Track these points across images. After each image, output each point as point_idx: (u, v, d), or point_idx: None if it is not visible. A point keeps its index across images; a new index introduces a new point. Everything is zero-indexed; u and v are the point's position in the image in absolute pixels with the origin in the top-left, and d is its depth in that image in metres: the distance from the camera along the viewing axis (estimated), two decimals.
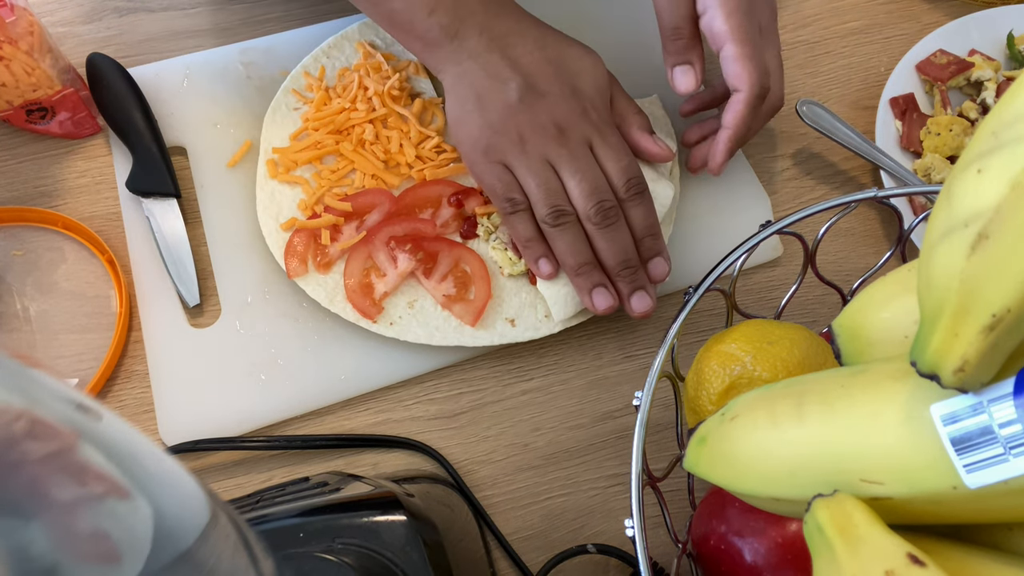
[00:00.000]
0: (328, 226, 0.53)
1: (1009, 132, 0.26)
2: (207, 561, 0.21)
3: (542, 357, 0.54)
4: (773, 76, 0.52)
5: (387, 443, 0.51)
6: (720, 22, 0.49)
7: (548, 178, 0.49)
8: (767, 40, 0.52)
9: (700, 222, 0.57)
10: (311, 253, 0.53)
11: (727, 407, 0.35)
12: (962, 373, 0.26)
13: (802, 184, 0.61)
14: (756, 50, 0.50)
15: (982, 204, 0.25)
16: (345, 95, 0.57)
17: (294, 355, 0.52)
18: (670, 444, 0.51)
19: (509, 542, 0.49)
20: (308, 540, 0.38)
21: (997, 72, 0.62)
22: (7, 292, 0.54)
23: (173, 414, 0.50)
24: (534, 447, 0.52)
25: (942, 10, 0.68)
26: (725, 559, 0.40)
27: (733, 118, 0.51)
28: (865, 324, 0.38)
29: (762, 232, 0.44)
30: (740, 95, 0.50)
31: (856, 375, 0.32)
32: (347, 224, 0.54)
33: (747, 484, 0.33)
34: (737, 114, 0.51)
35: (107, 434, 0.19)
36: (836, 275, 0.53)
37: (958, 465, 0.27)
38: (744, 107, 0.51)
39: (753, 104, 0.51)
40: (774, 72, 0.52)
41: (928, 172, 0.58)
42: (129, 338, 0.53)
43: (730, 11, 0.49)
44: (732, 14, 0.49)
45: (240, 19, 0.65)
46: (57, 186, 0.58)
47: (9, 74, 0.53)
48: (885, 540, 0.28)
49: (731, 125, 0.51)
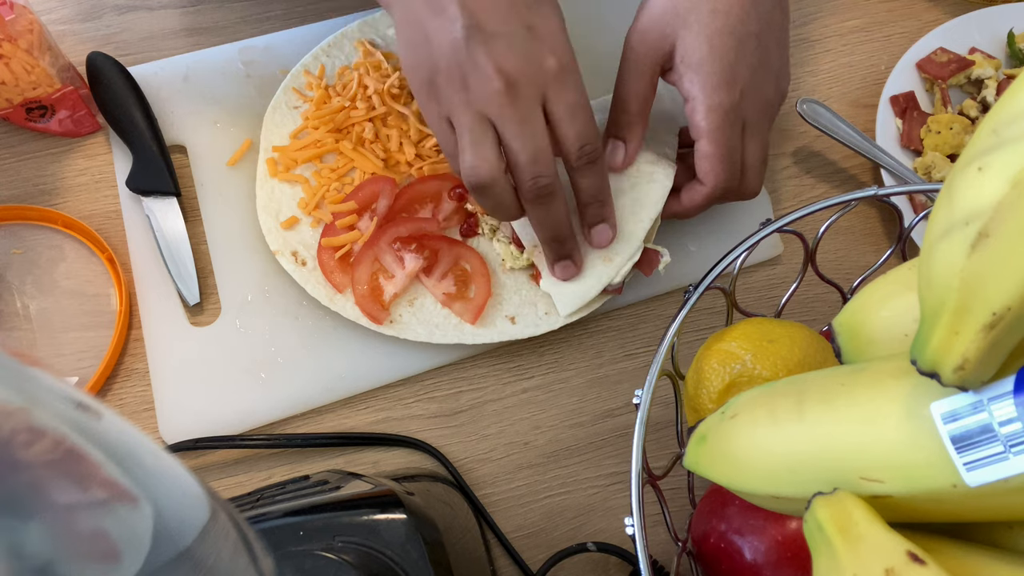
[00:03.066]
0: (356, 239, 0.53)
1: (1010, 130, 0.26)
2: (207, 559, 0.21)
3: (542, 355, 0.54)
4: (749, 172, 0.50)
5: (387, 441, 0.51)
6: (700, 116, 0.47)
7: (485, 144, 0.44)
8: (751, 136, 0.49)
9: (700, 220, 0.57)
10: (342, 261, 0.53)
11: (727, 405, 0.35)
12: (962, 371, 0.26)
13: (802, 182, 0.61)
14: (729, 151, 0.48)
15: (983, 202, 0.25)
16: (345, 93, 0.57)
17: (294, 353, 0.52)
18: (670, 442, 0.51)
19: (509, 540, 0.49)
20: (308, 538, 0.38)
21: (998, 70, 0.62)
22: (7, 290, 0.54)
23: (173, 412, 0.50)
24: (534, 445, 0.52)
25: (942, 8, 0.68)
26: (725, 557, 0.41)
27: (688, 202, 0.51)
28: (865, 322, 0.38)
29: (762, 230, 0.44)
30: (703, 188, 0.49)
31: (856, 373, 0.32)
32: (360, 220, 0.54)
33: (747, 482, 0.33)
34: (693, 202, 0.50)
35: (107, 433, 0.19)
36: (836, 273, 0.53)
37: (958, 463, 0.27)
38: (702, 199, 0.50)
39: (713, 199, 0.50)
40: (751, 168, 0.50)
41: (928, 170, 0.58)
42: (129, 336, 0.53)
43: (711, 107, 0.47)
44: (713, 110, 0.47)
45: (240, 17, 0.65)
46: (57, 184, 0.58)
47: (9, 72, 0.53)
48: (885, 538, 0.28)
49: (684, 207, 0.51)
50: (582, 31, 0.56)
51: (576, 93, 0.45)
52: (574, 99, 0.44)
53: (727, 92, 0.47)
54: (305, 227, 0.54)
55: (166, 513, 0.20)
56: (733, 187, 0.50)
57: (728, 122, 0.47)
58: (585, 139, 0.45)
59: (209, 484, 0.22)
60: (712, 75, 0.47)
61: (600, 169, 0.47)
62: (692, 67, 0.47)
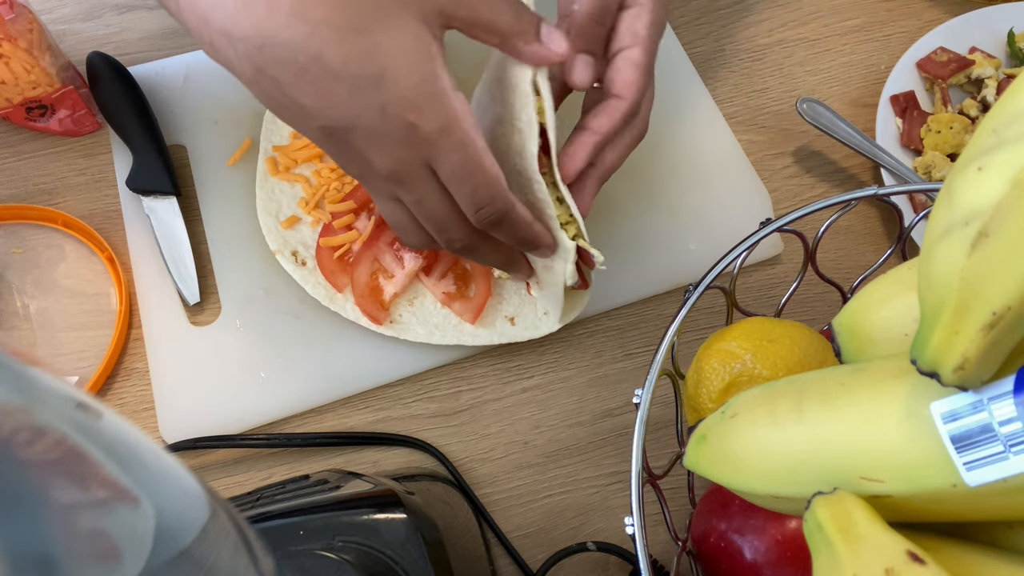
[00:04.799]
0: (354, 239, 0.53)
1: (1010, 130, 0.26)
2: (206, 559, 0.21)
3: (542, 355, 0.54)
4: (647, 101, 0.48)
5: (387, 441, 0.51)
6: (642, 25, 0.45)
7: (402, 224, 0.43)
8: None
9: (700, 220, 0.57)
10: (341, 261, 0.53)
11: (727, 405, 0.35)
12: (962, 371, 0.26)
13: (802, 182, 0.61)
14: (652, 69, 0.46)
15: (983, 202, 0.25)
16: None
17: (294, 353, 0.52)
18: (670, 442, 0.51)
19: (509, 540, 0.49)
20: (308, 538, 0.38)
21: (998, 70, 0.62)
22: (7, 290, 0.54)
23: (173, 412, 0.50)
24: (534, 445, 0.52)
25: (943, 7, 0.68)
26: (725, 557, 0.41)
27: (608, 123, 0.45)
28: (865, 322, 0.38)
29: (762, 230, 0.44)
30: (621, 104, 0.45)
31: (856, 373, 0.32)
32: (358, 219, 0.53)
33: (747, 482, 0.33)
34: (612, 122, 0.45)
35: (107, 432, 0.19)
36: (836, 273, 0.53)
37: (958, 463, 0.27)
38: (621, 117, 0.45)
39: (628, 117, 0.46)
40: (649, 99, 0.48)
41: (928, 170, 0.58)
42: (129, 336, 0.53)
43: (654, 21, 0.45)
44: (655, 25, 0.45)
45: None
46: (57, 184, 0.58)
47: (8, 72, 0.53)
48: (885, 538, 0.28)
49: (600, 131, 0.45)
50: None
51: (457, 153, 0.38)
52: (457, 161, 0.39)
53: (664, 9, 0.46)
54: (305, 227, 0.54)
55: (166, 513, 0.20)
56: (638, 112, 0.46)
57: (658, 39, 0.46)
58: (480, 202, 0.40)
59: (209, 484, 0.22)
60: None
61: (510, 224, 0.42)
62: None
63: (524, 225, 0.43)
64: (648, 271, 0.55)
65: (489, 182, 0.40)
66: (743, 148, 0.61)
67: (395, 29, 0.36)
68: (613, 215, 0.57)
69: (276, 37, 0.35)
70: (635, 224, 0.57)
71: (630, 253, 0.56)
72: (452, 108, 0.38)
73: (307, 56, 0.36)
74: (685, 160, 0.60)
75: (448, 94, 0.38)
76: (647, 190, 0.58)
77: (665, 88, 0.62)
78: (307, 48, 0.35)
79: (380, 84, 0.36)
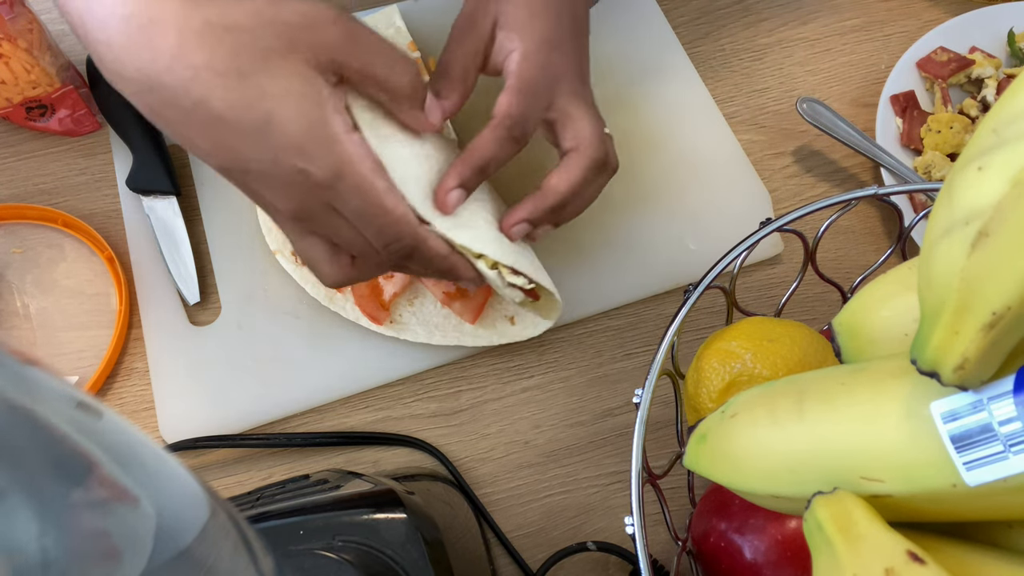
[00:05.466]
0: None
1: (1010, 129, 0.26)
2: (207, 559, 0.21)
3: (542, 355, 0.54)
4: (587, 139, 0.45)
5: (387, 440, 0.51)
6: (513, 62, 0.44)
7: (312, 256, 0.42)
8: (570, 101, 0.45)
9: (700, 219, 0.57)
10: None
11: (727, 405, 0.35)
12: (962, 371, 0.26)
13: (802, 181, 0.61)
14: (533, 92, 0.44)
15: (983, 202, 0.25)
16: None
17: (294, 353, 0.52)
18: (670, 442, 0.51)
19: (509, 539, 0.49)
20: (308, 537, 0.38)
21: (998, 69, 0.62)
22: (7, 290, 0.54)
23: (173, 411, 0.50)
24: (534, 444, 0.52)
25: (943, 7, 0.68)
26: (725, 556, 0.41)
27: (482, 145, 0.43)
28: (865, 322, 0.38)
29: (762, 230, 0.44)
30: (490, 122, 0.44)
31: (856, 373, 0.32)
32: None
33: (747, 481, 0.33)
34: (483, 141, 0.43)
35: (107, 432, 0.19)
36: (836, 273, 0.53)
37: (958, 463, 0.27)
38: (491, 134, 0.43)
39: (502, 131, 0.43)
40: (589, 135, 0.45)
41: (928, 169, 0.58)
42: (129, 335, 0.53)
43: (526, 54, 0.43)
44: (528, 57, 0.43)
45: None
46: (57, 184, 0.58)
47: (8, 71, 0.53)
48: (885, 538, 0.28)
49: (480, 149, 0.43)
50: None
51: (354, 197, 0.38)
52: (355, 205, 0.39)
53: (549, 49, 0.44)
54: None
55: (166, 513, 0.20)
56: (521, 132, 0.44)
57: (542, 72, 0.44)
58: (386, 240, 0.40)
59: (209, 483, 0.22)
60: (534, 33, 0.44)
61: (422, 258, 0.42)
62: (513, 28, 0.44)
63: (438, 258, 0.42)
64: (648, 271, 0.55)
65: (392, 222, 0.39)
66: (743, 148, 0.61)
67: (281, 74, 0.36)
68: (613, 215, 0.57)
69: (160, 80, 0.35)
70: (635, 224, 0.57)
71: (630, 253, 0.56)
72: (345, 152, 0.37)
73: (191, 101, 0.35)
74: (685, 160, 0.60)
75: (339, 138, 0.37)
76: (647, 190, 0.58)
77: (665, 88, 0.62)
78: (190, 93, 0.35)
79: (266, 130, 0.36)
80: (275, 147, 0.36)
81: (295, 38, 0.36)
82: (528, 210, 0.44)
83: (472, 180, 0.43)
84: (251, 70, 0.36)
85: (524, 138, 0.44)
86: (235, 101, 0.35)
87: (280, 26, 0.36)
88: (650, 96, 0.62)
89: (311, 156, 0.37)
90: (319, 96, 0.37)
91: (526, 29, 0.44)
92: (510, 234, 0.44)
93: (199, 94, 0.35)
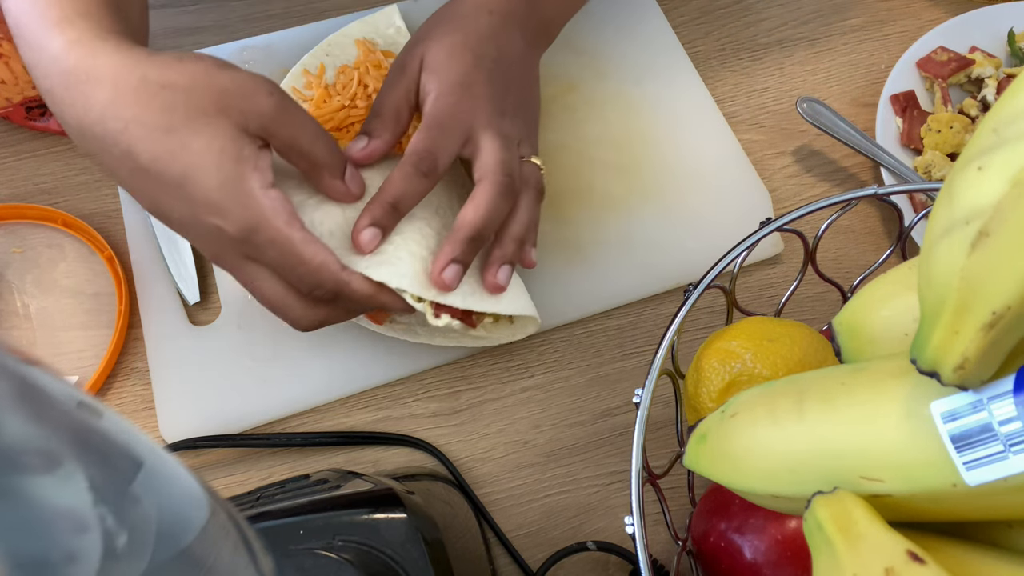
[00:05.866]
0: None
1: (1010, 129, 0.26)
2: (206, 559, 0.21)
3: (542, 355, 0.54)
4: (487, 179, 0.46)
5: (387, 440, 0.51)
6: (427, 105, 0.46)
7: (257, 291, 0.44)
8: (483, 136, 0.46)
9: (700, 219, 0.57)
10: None
11: (727, 404, 0.35)
12: (962, 371, 0.26)
13: (802, 181, 0.61)
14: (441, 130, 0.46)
15: (983, 201, 0.25)
16: (345, 93, 0.57)
17: (294, 352, 0.52)
18: (670, 441, 0.51)
19: (509, 539, 0.49)
20: (308, 537, 0.38)
21: (998, 69, 0.62)
22: (7, 289, 0.54)
23: (173, 411, 0.50)
24: (534, 444, 0.52)
25: (943, 7, 0.68)
26: (725, 556, 0.41)
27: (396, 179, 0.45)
28: (865, 322, 0.38)
29: (762, 229, 0.44)
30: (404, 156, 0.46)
31: (856, 373, 0.32)
32: None
33: (747, 481, 0.33)
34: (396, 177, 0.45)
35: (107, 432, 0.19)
36: (836, 272, 0.53)
37: (958, 462, 0.27)
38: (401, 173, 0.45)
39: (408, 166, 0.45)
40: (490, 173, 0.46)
41: (928, 169, 0.58)
42: (129, 335, 0.53)
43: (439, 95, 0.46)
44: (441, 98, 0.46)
45: (240, 16, 0.65)
46: (57, 183, 0.58)
47: (8, 71, 0.53)
48: (885, 537, 0.28)
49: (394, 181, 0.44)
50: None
51: (271, 249, 0.40)
52: (273, 256, 0.40)
53: (461, 90, 0.46)
54: None
55: (166, 512, 0.20)
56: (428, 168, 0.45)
57: (451, 111, 0.46)
58: (309, 287, 0.42)
59: (209, 483, 0.22)
60: (449, 74, 0.47)
61: (348, 300, 0.43)
62: (433, 70, 0.47)
63: (365, 298, 0.43)
64: (648, 271, 0.55)
65: (312, 270, 0.41)
66: (743, 148, 0.61)
67: (207, 132, 0.38)
68: (613, 215, 0.57)
69: (92, 130, 0.38)
70: (635, 224, 0.57)
71: (630, 253, 0.56)
72: (259, 207, 0.39)
73: (120, 151, 0.38)
74: (685, 159, 0.60)
75: (254, 194, 0.39)
76: (647, 190, 0.58)
77: (665, 88, 0.62)
78: (119, 143, 0.38)
79: (185, 184, 0.38)
80: (192, 201, 0.39)
81: (228, 103, 0.39)
82: (448, 251, 0.44)
83: (385, 218, 0.44)
84: (178, 126, 0.38)
85: (433, 174, 0.45)
86: (159, 154, 0.38)
87: (216, 89, 0.39)
88: (650, 96, 0.62)
89: (225, 212, 0.39)
90: (240, 154, 0.39)
91: (442, 71, 0.47)
92: (441, 282, 0.44)
93: (127, 145, 0.38)
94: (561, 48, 0.62)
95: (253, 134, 0.40)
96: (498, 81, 0.48)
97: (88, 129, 0.39)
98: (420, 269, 0.44)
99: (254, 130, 0.40)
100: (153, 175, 0.38)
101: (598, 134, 0.60)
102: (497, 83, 0.48)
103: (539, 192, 0.49)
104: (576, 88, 0.62)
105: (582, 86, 0.62)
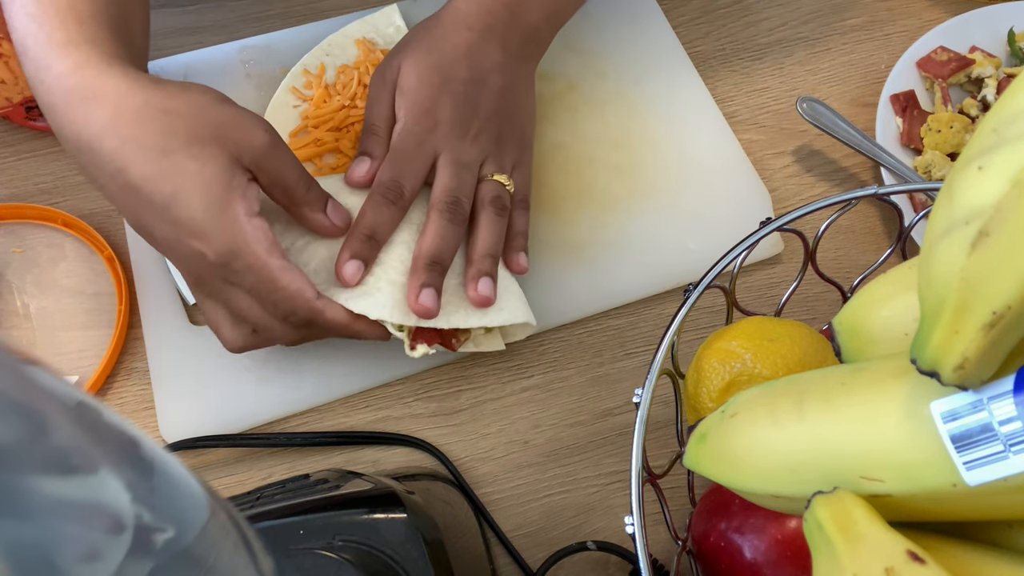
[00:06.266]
0: None
1: (1010, 129, 0.26)
2: (206, 559, 0.21)
3: (542, 354, 0.54)
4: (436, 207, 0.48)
5: (387, 440, 0.51)
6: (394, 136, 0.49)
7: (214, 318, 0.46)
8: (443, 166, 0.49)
9: (700, 219, 0.57)
10: None
11: (727, 404, 0.35)
12: (962, 370, 0.26)
13: (802, 181, 0.61)
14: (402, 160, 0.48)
15: (983, 201, 0.25)
16: (345, 92, 0.57)
17: (294, 352, 0.52)
18: (670, 441, 0.51)
19: (509, 539, 0.49)
20: (308, 537, 0.38)
21: (998, 69, 0.62)
22: (7, 289, 0.54)
23: (173, 411, 0.50)
24: (534, 444, 0.52)
25: (943, 7, 0.68)
26: (725, 556, 0.41)
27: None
28: (865, 322, 0.38)
29: (762, 229, 0.44)
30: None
31: (856, 372, 0.32)
32: None
33: (747, 481, 0.33)
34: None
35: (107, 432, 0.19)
36: (836, 272, 0.53)
37: (958, 462, 0.27)
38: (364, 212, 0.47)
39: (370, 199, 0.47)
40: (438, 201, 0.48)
41: (928, 169, 0.58)
42: (129, 335, 0.53)
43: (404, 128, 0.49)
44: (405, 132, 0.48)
45: (240, 16, 0.65)
46: (57, 183, 0.58)
47: (8, 71, 0.53)
48: (885, 537, 0.28)
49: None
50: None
51: (249, 275, 0.41)
52: (250, 282, 0.42)
53: (425, 118, 0.49)
54: None
55: (166, 512, 0.20)
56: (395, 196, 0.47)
57: (414, 140, 0.48)
58: (283, 312, 0.43)
59: (209, 483, 0.22)
60: (417, 98, 0.49)
61: (323, 327, 0.45)
62: (403, 93, 0.49)
63: (339, 326, 0.45)
64: (648, 271, 0.55)
65: (288, 296, 0.42)
66: (743, 148, 0.61)
67: (201, 157, 0.40)
68: (613, 215, 0.57)
69: (90, 145, 0.40)
70: (635, 224, 0.57)
71: (630, 253, 0.56)
72: (242, 233, 0.40)
73: (114, 167, 0.39)
74: (685, 159, 0.60)
75: (238, 220, 0.40)
76: (647, 190, 0.58)
77: (665, 88, 0.62)
78: (114, 160, 0.39)
79: (171, 205, 0.40)
80: (177, 223, 0.40)
81: (225, 134, 0.40)
82: (414, 280, 0.45)
83: (364, 250, 0.45)
84: (175, 149, 0.39)
85: (400, 200, 0.47)
86: (151, 174, 0.39)
87: (215, 120, 0.40)
88: (650, 96, 0.62)
89: (207, 237, 0.40)
90: (230, 182, 0.40)
91: (410, 95, 0.49)
92: (420, 308, 0.45)
93: (121, 162, 0.39)
94: (561, 48, 0.62)
95: (244, 167, 0.41)
96: (466, 103, 0.50)
97: (85, 144, 0.40)
98: (400, 297, 0.45)
99: (246, 163, 0.41)
100: (144, 194, 0.39)
101: (598, 134, 0.60)
102: (464, 105, 0.49)
103: (501, 207, 0.49)
104: (576, 88, 0.62)
105: (582, 86, 0.62)
